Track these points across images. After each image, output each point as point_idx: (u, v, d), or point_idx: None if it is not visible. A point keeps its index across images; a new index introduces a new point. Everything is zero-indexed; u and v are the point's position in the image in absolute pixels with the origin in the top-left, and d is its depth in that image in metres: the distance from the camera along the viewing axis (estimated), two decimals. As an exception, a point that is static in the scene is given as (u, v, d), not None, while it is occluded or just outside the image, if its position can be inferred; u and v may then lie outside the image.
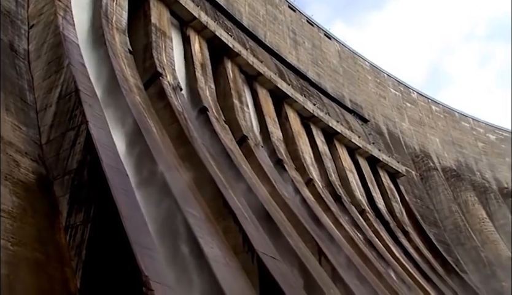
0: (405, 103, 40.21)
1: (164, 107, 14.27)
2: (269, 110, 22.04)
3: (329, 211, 19.53)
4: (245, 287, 9.60)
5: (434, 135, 40.34)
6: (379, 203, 25.96)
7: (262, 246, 11.01)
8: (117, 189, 7.20)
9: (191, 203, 10.10)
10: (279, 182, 17.28)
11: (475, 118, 45.60)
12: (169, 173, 10.06)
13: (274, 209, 14.41)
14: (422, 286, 20.47)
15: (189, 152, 12.74)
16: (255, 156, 17.46)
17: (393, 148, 34.07)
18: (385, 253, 20.56)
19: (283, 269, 11.13)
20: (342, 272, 14.24)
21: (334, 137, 25.95)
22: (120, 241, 6.53)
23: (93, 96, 9.53)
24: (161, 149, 11.03)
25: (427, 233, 28.28)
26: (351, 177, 25.03)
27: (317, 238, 15.13)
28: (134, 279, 6.12)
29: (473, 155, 42.21)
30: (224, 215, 11.32)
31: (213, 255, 8.92)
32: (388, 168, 29.33)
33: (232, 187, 12.89)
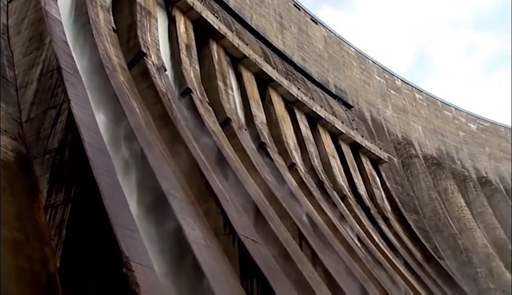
0: (389, 90, 40.38)
1: (147, 87, 14.14)
2: (254, 93, 21.98)
3: (311, 195, 19.61)
4: (226, 269, 9.63)
5: (416, 123, 40.62)
6: (361, 189, 26.14)
7: (243, 228, 11.03)
8: (98, 169, 7.14)
9: (173, 185, 10.06)
10: (261, 165, 17.29)
11: (457, 108, 45.99)
12: (151, 153, 10.00)
13: (256, 193, 14.43)
14: (401, 271, 20.74)
15: (172, 133, 12.67)
16: (238, 139, 17.43)
17: (376, 135, 34.26)
18: (365, 239, 20.75)
19: (264, 252, 11.18)
20: (322, 257, 14.35)
21: (318, 122, 25.99)
22: (101, 222, 6.50)
23: (75, 74, 9.39)
24: (144, 129, 10.95)
25: (407, 220, 28.60)
26: (333, 163, 25.14)
27: (298, 222, 15.20)
28: (114, 259, 6.11)
29: (454, 144, 42.63)
30: (206, 197, 11.31)
31: (194, 237, 8.91)
32: (370, 155, 29.51)
33: (214, 169, 12.87)
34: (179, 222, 8.76)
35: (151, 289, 6.16)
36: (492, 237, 35.08)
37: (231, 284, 9.28)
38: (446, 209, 34.02)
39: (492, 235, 35.31)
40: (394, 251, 22.92)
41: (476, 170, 42.20)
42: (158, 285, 6.53)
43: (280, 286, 10.25)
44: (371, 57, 40.88)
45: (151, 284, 6.29)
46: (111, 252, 6.17)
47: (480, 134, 46.06)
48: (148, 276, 6.35)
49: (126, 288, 5.87)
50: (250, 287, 9.91)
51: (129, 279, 5.93)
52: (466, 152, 43.20)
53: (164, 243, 8.40)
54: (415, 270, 22.60)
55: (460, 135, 44.12)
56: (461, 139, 43.90)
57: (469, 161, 42.51)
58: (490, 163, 44.38)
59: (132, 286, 5.88)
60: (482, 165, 43.39)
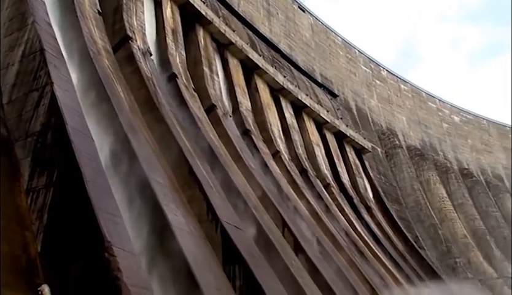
0: (375, 80, 40.51)
1: (132, 71, 14.01)
2: (239, 80, 21.91)
3: (295, 183, 19.67)
4: (208, 255, 9.65)
5: (401, 114, 40.85)
6: (344, 178, 26.27)
7: (226, 215, 11.05)
8: (81, 153, 7.07)
9: (157, 170, 10.02)
10: (245, 152, 17.28)
11: (441, 100, 46.31)
12: (135, 138, 9.93)
13: (240, 180, 14.44)
14: (382, 260, 20.94)
15: (156, 118, 12.58)
16: (223, 125, 17.38)
17: (360, 124, 34.40)
18: (348, 228, 20.89)
19: (247, 239, 11.22)
20: (305, 244, 14.44)
21: (303, 110, 26.00)
22: (83, 206, 6.45)
23: (58, 56, 9.25)
24: (128, 113, 10.86)
25: (389, 210, 28.84)
26: (318, 151, 25.21)
27: (281, 210, 15.25)
28: (96, 244, 6.08)
29: (437, 136, 42.98)
30: (190, 183, 11.30)
31: (177, 223, 8.91)
32: (354, 144, 29.63)
33: (198, 155, 12.84)
34: (162, 208, 8.74)
35: (133, 274, 6.15)
36: (471, 228, 35.57)
37: (214, 270, 9.31)
38: (428, 200, 34.38)
39: (472, 226, 35.80)
40: (376, 240, 23.12)
41: (458, 162, 42.63)
42: (140, 270, 6.52)
43: (262, 272, 10.30)
44: (357, 47, 40.95)
45: (133, 270, 6.28)
46: (93, 237, 6.14)
47: (463, 126, 46.49)
48: (130, 262, 6.34)
49: (108, 273, 5.85)
50: (232, 274, 9.95)
51: (111, 265, 5.91)
52: (449, 143, 43.59)
53: (147, 229, 8.38)
54: (396, 259, 22.83)
55: (444, 127, 44.47)
56: (445, 130, 44.26)
57: (451, 152, 42.91)
58: (472, 155, 44.86)
59: (114, 271, 5.86)
60: (464, 157, 43.84)
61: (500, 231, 37.73)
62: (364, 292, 15.76)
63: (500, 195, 41.93)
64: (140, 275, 6.46)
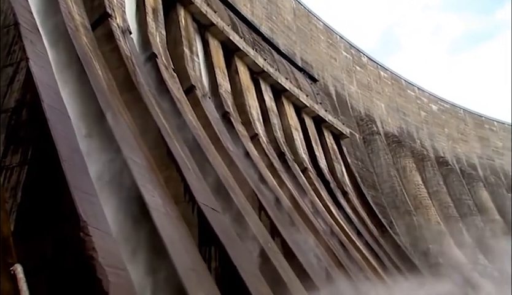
0: (355, 66, 40.61)
1: (111, 50, 13.80)
2: (219, 62, 21.78)
3: (272, 167, 19.73)
4: (184, 236, 9.64)
5: (380, 100, 41.08)
6: (321, 163, 26.42)
7: (203, 197, 11.04)
8: (57, 131, 6.97)
9: (134, 150, 9.94)
10: (224, 134, 17.25)
11: (420, 88, 46.66)
12: (113, 117, 9.82)
13: (218, 162, 14.42)
14: (357, 244, 21.19)
15: (135, 97, 12.44)
16: (202, 107, 17.30)
17: (339, 110, 34.53)
18: (324, 212, 21.07)
19: (223, 221, 11.24)
20: (281, 227, 14.52)
21: (283, 94, 25.99)
22: (58, 185, 6.37)
23: (34, 31, 9.05)
24: (106, 92, 10.72)
25: (365, 195, 29.13)
26: (296, 135, 25.28)
27: (258, 193, 15.29)
28: (71, 224, 6.02)
29: (415, 123, 43.37)
30: (167, 164, 11.24)
31: (154, 204, 8.87)
32: (333, 129, 29.76)
33: (176, 136, 12.76)
34: (139, 189, 8.68)
35: (109, 254, 6.11)
36: (445, 215, 36.13)
37: (189, 251, 9.31)
38: (404, 187, 34.78)
39: (445, 213, 36.36)
40: (351, 224, 23.36)
41: (434, 150, 43.13)
42: (115, 251, 6.48)
43: (238, 254, 10.34)
44: (338, 32, 40.90)
45: (109, 250, 6.24)
46: (68, 217, 6.07)
47: (440, 115, 46.98)
48: (106, 242, 6.29)
49: (83, 253, 5.81)
50: (208, 255, 9.98)
51: (86, 244, 5.86)
52: (426, 131, 44.04)
53: (123, 209, 8.32)
54: (370, 244, 23.12)
55: (422, 115, 44.89)
56: (422, 119, 44.69)
57: (428, 140, 43.38)
58: (448, 143, 45.42)
59: (89, 251, 5.82)
60: (441, 145, 44.37)
61: (472, 219, 38.42)
62: (339, 276, 15.94)
63: (474, 183, 42.62)
64: (116, 255, 6.42)
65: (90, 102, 9.64)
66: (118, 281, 5.90)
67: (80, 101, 9.58)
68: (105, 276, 5.68)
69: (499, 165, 48.84)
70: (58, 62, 9.94)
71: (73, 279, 5.71)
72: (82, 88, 9.91)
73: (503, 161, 49.53)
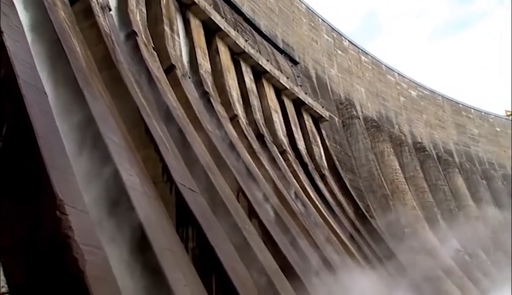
0: (336, 50, 40.63)
1: (90, 26, 13.55)
2: (200, 41, 21.60)
3: (251, 148, 19.74)
4: (162, 216, 9.62)
5: (360, 85, 41.25)
6: (300, 145, 26.51)
7: (181, 177, 11.01)
8: (33, 108, 6.84)
9: (112, 129, 9.83)
10: (203, 114, 17.18)
11: (400, 73, 46.95)
12: (91, 95, 9.69)
13: (196, 142, 14.38)
14: (332, 227, 21.40)
15: (113, 76, 12.27)
16: (182, 86, 17.18)
17: (319, 93, 34.59)
18: (301, 194, 21.19)
19: (201, 201, 11.24)
20: (258, 209, 14.58)
21: (263, 75, 25.92)
22: (34, 162, 6.28)
23: (8, 4, 8.81)
24: (84, 69, 10.56)
25: (343, 179, 29.36)
26: (275, 117, 25.29)
27: (237, 174, 15.31)
28: (47, 202, 5.95)
29: (394, 109, 43.69)
30: (146, 144, 11.16)
31: (132, 184, 8.81)
32: (312, 112, 29.84)
33: (155, 115, 12.67)
34: (117, 168, 8.62)
35: (85, 233, 6.07)
36: (420, 200, 36.66)
37: (166, 231, 9.30)
38: (381, 171, 35.13)
39: (421, 198, 36.89)
40: (328, 207, 23.56)
41: (412, 135, 43.56)
42: (92, 229, 6.43)
43: (215, 235, 10.37)
44: (320, 15, 40.84)
45: (86, 229, 6.19)
46: (44, 195, 6.00)
47: (419, 101, 47.38)
48: (83, 221, 6.25)
49: (59, 232, 5.76)
50: (186, 235, 9.99)
51: (63, 223, 5.80)
52: (405, 117, 44.42)
53: (101, 188, 8.26)
54: (346, 227, 23.37)
55: (401, 100, 45.21)
56: (402, 104, 45.02)
57: (406, 126, 43.78)
58: (425, 129, 45.90)
59: (65, 229, 5.76)
60: (418, 131, 44.82)
61: (447, 204, 39.08)
62: (315, 258, 16.10)
63: (449, 169, 43.25)
64: (93, 234, 6.38)
65: (68, 80, 9.48)
66: (94, 260, 5.87)
67: (58, 78, 9.42)
68: (81, 254, 5.65)
69: (474, 152, 49.61)
70: (34, 38, 9.74)
71: (49, 258, 5.66)
72: (60, 64, 9.74)
73: (479, 149, 50.32)
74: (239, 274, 10.14)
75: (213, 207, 11.77)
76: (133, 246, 7.83)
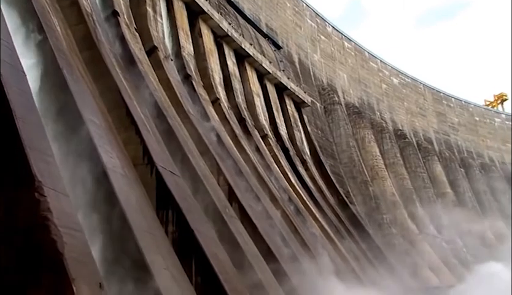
0: (319, 36, 40.56)
1: (70, 5, 13.28)
2: (183, 23, 21.38)
3: (233, 132, 19.71)
4: (142, 198, 9.59)
5: (342, 71, 41.29)
6: (282, 130, 26.55)
7: (162, 160, 10.96)
8: (11, 88, 6.72)
9: (93, 110, 9.72)
10: (185, 97, 17.08)
11: (383, 61, 47.08)
12: (71, 76, 9.55)
13: (178, 124, 14.30)
14: (313, 212, 21.54)
15: (94, 56, 12.09)
16: (164, 69, 17.03)
17: (302, 78, 34.58)
18: (282, 179, 21.26)
19: (181, 184, 11.21)
20: (239, 193, 14.61)
21: (246, 59, 25.80)
22: (12, 143, 6.17)
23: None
24: (64, 49, 10.40)
25: (324, 164, 29.51)
26: (257, 102, 25.26)
27: (218, 157, 15.29)
28: (26, 184, 5.87)
29: (376, 95, 43.88)
30: (126, 126, 11.06)
31: (112, 165, 8.75)
32: (294, 97, 29.85)
33: (136, 97, 12.55)
34: (97, 149, 8.54)
35: (64, 215, 6.02)
36: (399, 186, 37.02)
37: (146, 214, 9.27)
38: (362, 157, 35.36)
39: (400, 185, 37.25)
40: (309, 192, 23.68)
41: (393, 123, 43.84)
42: (71, 212, 6.38)
43: (195, 218, 10.37)
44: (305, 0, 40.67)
45: (64, 211, 6.14)
46: (23, 176, 5.92)
47: (401, 88, 47.64)
48: (62, 203, 6.19)
49: (38, 214, 5.70)
50: (166, 218, 9.97)
51: (41, 205, 5.74)
52: (386, 104, 44.65)
53: (80, 170, 8.18)
54: (326, 212, 23.54)
55: (383, 87, 45.40)
56: (383, 91, 45.22)
57: (388, 113, 44.02)
58: (406, 117, 46.21)
59: (44, 211, 5.71)
60: (399, 118, 45.11)
61: (426, 191, 39.53)
62: (295, 243, 16.21)
63: (429, 157, 43.69)
64: (72, 216, 6.33)
65: (47, 60, 9.33)
66: (74, 242, 5.83)
67: (37, 58, 9.27)
68: (59, 237, 5.60)
69: (454, 141, 50.17)
70: (12, 16, 9.54)
71: (28, 240, 5.60)
72: (39, 44, 9.57)
73: (458, 137, 50.89)
74: (219, 258, 10.16)
75: (194, 190, 11.77)
76: (112, 228, 7.80)
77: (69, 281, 5.36)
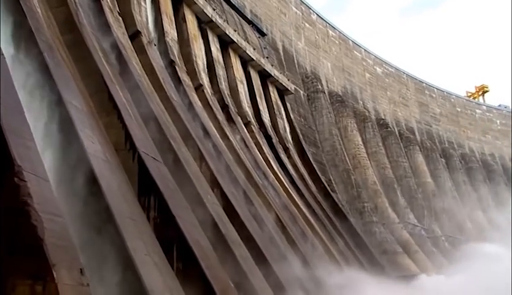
0: (304, 23, 40.47)
1: (52, -14, 13.09)
2: (167, 8, 21.17)
3: (216, 118, 19.65)
4: (123, 184, 9.53)
5: (326, 59, 41.31)
6: (265, 117, 26.53)
7: (144, 145, 10.89)
8: (-8, 70, 6.61)
9: (74, 94, 9.60)
10: (168, 83, 16.96)
11: (367, 50, 47.18)
12: (52, 59, 9.41)
13: (160, 110, 14.21)
14: (295, 200, 21.63)
15: (76, 39, 11.90)
16: (147, 54, 16.88)
17: (285, 65, 34.52)
18: (264, 165, 21.29)
19: (163, 171, 11.16)
20: (221, 179, 14.60)
21: (230, 46, 25.67)
22: (-8, 127, 6.08)
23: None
24: (45, 32, 10.23)
25: (306, 152, 29.60)
26: (241, 88, 25.18)
27: (200, 143, 15.25)
28: (5, 168, 5.79)
29: (359, 84, 44.01)
30: (108, 110, 10.94)
31: (93, 151, 8.67)
32: (278, 85, 29.82)
33: (119, 82, 12.42)
34: (78, 134, 8.44)
35: (45, 200, 5.96)
36: (381, 175, 37.32)
37: (128, 199, 9.22)
38: (344, 146, 35.53)
39: (382, 174, 37.55)
40: (291, 180, 23.76)
41: (375, 112, 44.05)
42: (52, 197, 6.31)
43: (177, 204, 10.35)
44: (290, -14, 40.50)
45: (45, 196, 6.07)
46: (2, 161, 5.83)
47: (384, 78, 47.85)
48: (42, 188, 6.12)
49: (18, 199, 5.63)
50: (147, 204, 9.93)
51: (21, 190, 5.67)
52: (370, 93, 44.82)
53: (61, 154, 8.09)
54: (308, 200, 23.65)
55: (366, 77, 45.55)
56: (367, 80, 45.38)
57: (371, 102, 44.21)
58: (389, 106, 46.49)
59: (24, 196, 5.64)
60: (382, 108, 45.36)
61: (407, 180, 39.90)
62: (276, 229, 16.28)
63: (411, 147, 44.06)
64: (53, 202, 6.26)
65: (28, 42, 9.16)
66: (54, 228, 5.78)
67: (16, 40, 9.09)
68: (40, 222, 5.55)
69: (435, 131, 50.64)
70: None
71: (7, 225, 5.54)
72: (19, 25, 9.39)
73: (439, 127, 51.38)
74: (201, 244, 10.17)
75: (176, 176, 11.72)
76: (93, 214, 7.74)
77: (49, 266, 5.32)
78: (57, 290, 5.28)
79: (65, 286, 5.41)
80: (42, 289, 5.28)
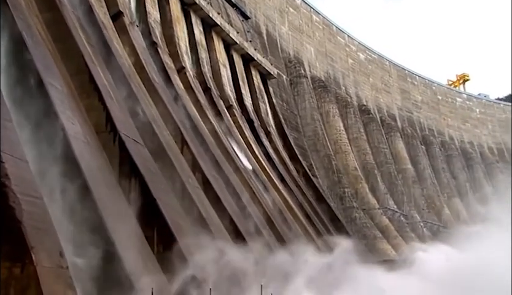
0: (288, 7, 40.27)
1: (32, -36, 12.80)
2: (150, -11, 20.87)
3: (198, 101, 19.54)
4: (104, 166, 9.45)
5: (310, 44, 41.22)
6: (247, 101, 26.45)
7: (125, 128, 10.79)
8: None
9: (54, 75, 9.44)
10: (150, 65, 16.79)
11: (350, 36, 47.15)
12: (31, 39, 9.22)
13: (142, 92, 14.08)
14: (276, 184, 21.67)
15: (56, 18, 11.64)
16: (129, 35, 16.66)
17: (269, 50, 34.38)
18: (246, 150, 21.27)
19: (144, 153, 11.10)
20: (202, 163, 14.56)
21: (213, 28, 25.44)
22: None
23: None
24: (23, 10, 10.00)
25: (288, 137, 29.64)
26: (223, 72, 25.03)
27: (181, 126, 15.16)
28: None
29: (342, 70, 44.04)
30: (89, 92, 10.79)
31: (74, 132, 8.57)
32: (261, 69, 29.70)
33: (100, 63, 12.24)
34: (58, 115, 8.32)
35: (23, 182, 5.88)
36: (362, 161, 37.56)
37: (109, 182, 9.16)
38: (326, 131, 35.63)
39: (363, 160, 37.78)
40: (272, 164, 23.78)
41: (357, 98, 44.19)
42: (30, 178, 6.23)
43: (158, 188, 10.31)
44: (274, -30, 40.17)
45: (23, 177, 5.99)
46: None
47: (367, 64, 47.94)
48: (20, 169, 6.04)
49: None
50: (128, 187, 9.87)
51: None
52: (352, 79, 44.90)
53: (40, 136, 7.97)
54: (289, 184, 23.72)
55: (349, 62, 45.59)
56: (349, 66, 45.42)
57: (353, 88, 44.31)
58: (371, 93, 46.65)
59: (2, 177, 5.56)
60: (364, 94, 45.51)
61: (387, 167, 40.22)
62: (255, 211, 16.31)
63: (392, 133, 44.35)
64: (31, 183, 6.18)
65: (6, 22, 8.94)
66: (34, 210, 5.71)
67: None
68: (18, 204, 5.47)
69: (416, 118, 51.02)
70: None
71: (-17, 205, 5.46)
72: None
73: (420, 115, 51.77)
74: (181, 227, 10.15)
75: (157, 159, 11.65)
76: (73, 196, 7.67)
77: (27, 249, 5.27)
78: (36, 272, 5.23)
79: (44, 268, 5.36)
80: (20, 271, 5.23)
